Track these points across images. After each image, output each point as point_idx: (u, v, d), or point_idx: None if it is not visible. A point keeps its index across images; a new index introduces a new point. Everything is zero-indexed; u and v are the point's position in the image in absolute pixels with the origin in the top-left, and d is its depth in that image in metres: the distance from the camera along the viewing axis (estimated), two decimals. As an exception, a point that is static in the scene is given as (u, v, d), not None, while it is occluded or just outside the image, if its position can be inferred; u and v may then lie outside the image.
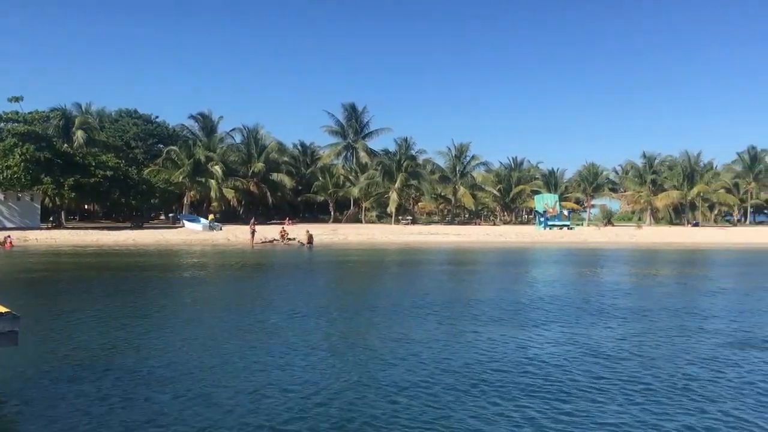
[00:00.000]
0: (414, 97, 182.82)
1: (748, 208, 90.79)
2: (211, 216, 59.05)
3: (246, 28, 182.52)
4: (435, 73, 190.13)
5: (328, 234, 51.06)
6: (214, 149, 66.66)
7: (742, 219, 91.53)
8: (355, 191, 73.05)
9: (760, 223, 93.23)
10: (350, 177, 75.54)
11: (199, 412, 7.47)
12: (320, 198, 75.21)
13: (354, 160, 78.25)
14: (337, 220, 72.46)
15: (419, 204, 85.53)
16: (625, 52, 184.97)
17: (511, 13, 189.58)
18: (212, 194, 63.63)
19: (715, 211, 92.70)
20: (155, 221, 66.36)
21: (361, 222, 71.95)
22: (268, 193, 68.04)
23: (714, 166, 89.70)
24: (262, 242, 44.33)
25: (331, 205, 75.31)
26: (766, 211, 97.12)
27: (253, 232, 44.08)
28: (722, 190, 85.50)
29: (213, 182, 63.25)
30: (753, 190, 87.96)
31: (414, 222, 75.86)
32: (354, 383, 8.81)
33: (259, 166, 67.46)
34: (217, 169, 63.52)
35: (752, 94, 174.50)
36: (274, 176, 69.24)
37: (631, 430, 7.18)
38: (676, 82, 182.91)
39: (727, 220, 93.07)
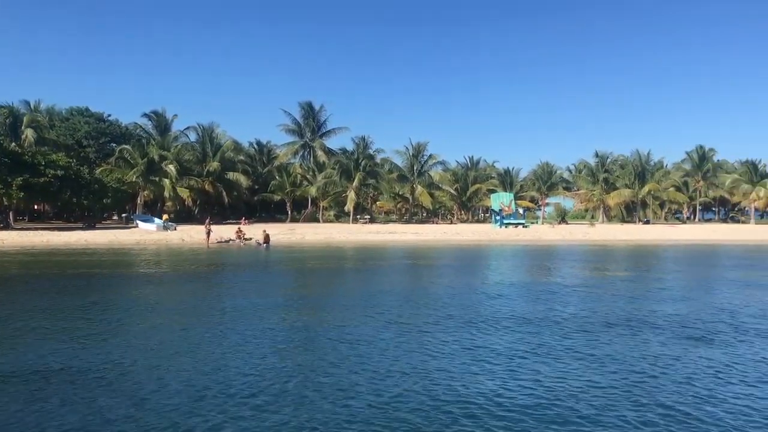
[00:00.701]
0: (372, 97, 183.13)
1: (697, 205, 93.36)
2: (165, 216, 58.18)
3: (200, 25, 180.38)
4: (393, 73, 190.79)
5: (285, 233, 50.72)
6: (168, 148, 65.67)
7: (692, 216, 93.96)
8: (312, 190, 72.79)
9: (709, 220, 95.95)
10: (307, 176, 75.23)
11: (133, 414, 7.40)
12: (277, 197, 74.71)
13: (311, 159, 77.99)
14: (294, 220, 72.08)
15: (377, 203, 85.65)
16: (578, 56, 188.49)
17: (471, 16, 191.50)
18: (166, 194, 62.65)
19: (666, 209, 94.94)
20: (108, 221, 65.11)
21: (318, 221, 71.73)
22: (224, 193, 67.29)
23: (664, 165, 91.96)
24: (218, 242, 43.80)
25: (288, 204, 74.86)
26: (714, 209, 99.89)
27: (208, 232, 43.54)
28: (672, 189, 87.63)
29: (167, 182, 62.28)
30: (701, 188, 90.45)
31: (372, 221, 75.90)
32: (297, 385, 8.82)
33: (215, 165, 66.68)
34: (172, 169, 62.57)
35: (700, 96, 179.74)
36: (230, 175, 68.51)
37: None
38: (627, 84, 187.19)
39: (677, 218, 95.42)
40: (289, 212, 74.52)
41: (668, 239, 55.39)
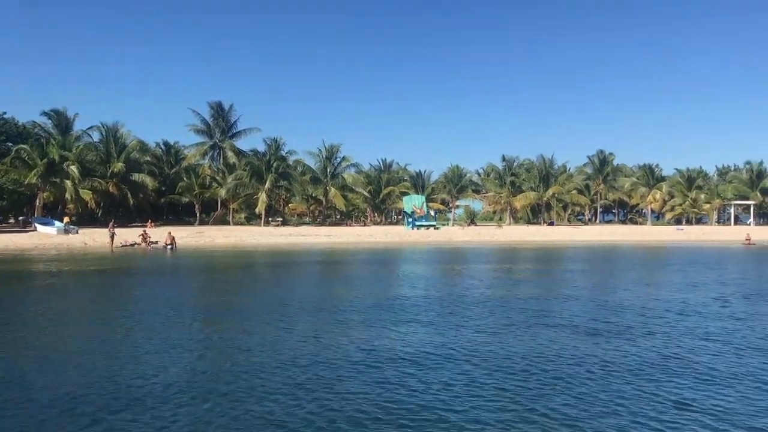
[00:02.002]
0: (284, 98, 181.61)
1: (598, 207, 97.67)
2: (66, 219, 55.62)
3: (106, 20, 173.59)
4: (305, 74, 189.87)
5: (193, 236, 49.58)
6: (70, 148, 62.73)
7: (593, 218, 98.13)
8: (222, 192, 71.31)
9: (609, 221, 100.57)
10: (217, 177, 73.64)
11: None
12: (185, 199, 72.73)
13: (221, 160, 76.40)
14: (203, 222, 70.44)
15: (290, 205, 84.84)
16: (483, 59, 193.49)
17: (381, 15, 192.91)
18: (68, 196, 59.86)
19: (569, 211, 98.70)
20: (4, 225, 61.54)
21: (228, 224, 70.37)
22: (129, 195, 64.88)
23: (567, 168, 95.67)
24: (123, 246, 42.37)
25: (197, 206, 72.98)
26: (613, 211, 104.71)
27: (112, 236, 42.07)
28: (574, 191, 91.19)
29: (69, 183, 59.51)
30: (602, 191, 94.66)
31: (284, 223, 75.23)
32: (183, 389, 8.66)
33: (119, 166, 64.22)
34: (74, 170, 59.84)
35: (600, 102, 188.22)
36: (136, 177, 66.14)
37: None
38: (532, 87, 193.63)
39: (579, 220, 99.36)
40: (198, 215, 72.67)
41: (571, 240, 57.72)
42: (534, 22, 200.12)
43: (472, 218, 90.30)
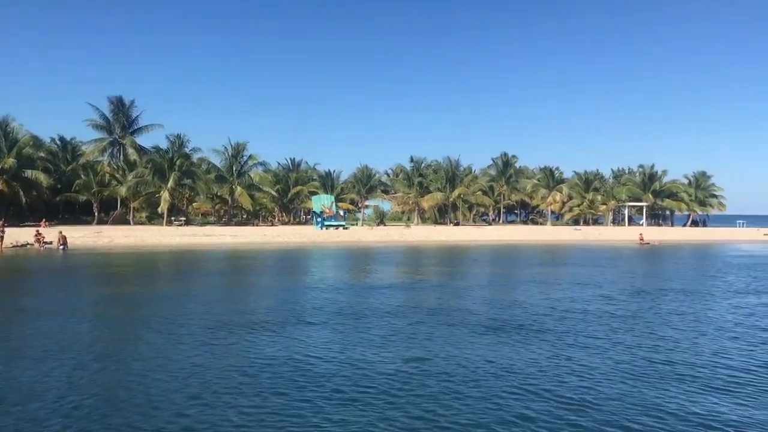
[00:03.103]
0: (188, 94, 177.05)
1: (501, 208, 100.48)
2: (-51, 218, 51.98)
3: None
4: (211, 70, 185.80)
5: (91, 236, 47.40)
6: (-46, 143, 58.74)
7: (497, 219, 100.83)
8: (122, 190, 68.48)
9: (511, 222, 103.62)
10: (117, 175, 70.68)
11: None
12: (83, 198, 69.33)
13: (121, 157, 73.40)
14: (102, 222, 67.45)
15: (194, 204, 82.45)
16: (395, 62, 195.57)
17: (288, 16, 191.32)
18: (-48, 193, 56.02)
19: (474, 212, 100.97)
20: None
21: (129, 223, 67.71)
22: (21, 192, 61.29)
23: (472, 170, 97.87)
24: (13, 246, 40.01)
25: (95, 205, 69.79)
26: (516, 212, 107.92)
27: (1, 237, 39.62)
28: (479, 192, 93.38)
29: (-48, 180, 55.71)
30: (505, 192, 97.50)
31: (188, 223, 73.07)
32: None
33: (10, 162, 60.55)
34: (-42, 166, 56.06)
35: (504, 107, 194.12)
36: (28, 173, 62.55)
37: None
38: (438, 91, 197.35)
39: (484, 220, 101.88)
40: (97, 214, 69.51)
41: (476, 239, 59.04)
42: (440, 20, 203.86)
43: (381, 218, 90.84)
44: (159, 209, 68.80)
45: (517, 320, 14.69)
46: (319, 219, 70.03)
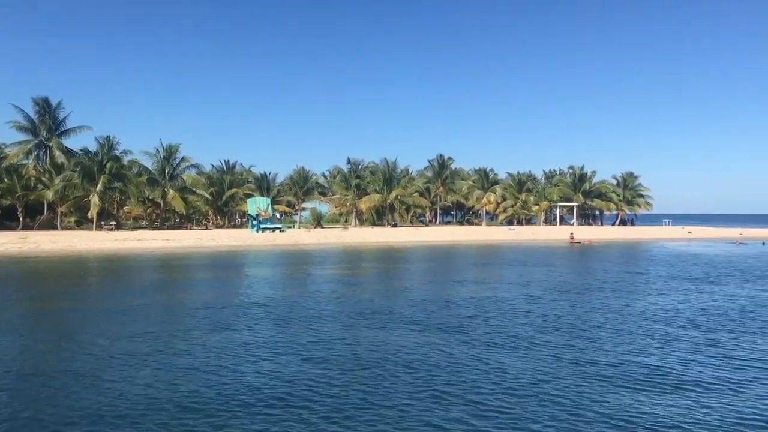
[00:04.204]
0: (116, 93, 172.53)
1: (438, 209, 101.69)
2: None
3: None
4: (141, 71, 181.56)
5: (15, 243, 45.76)
6: None
7: (434, 220, 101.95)
8: (49, 194, 66.19)
9: (448, 223, 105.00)
10: (43, 179, 68.28)
11: None
12: (6, 202, 66.73)
13: (48, 159, 70.94)
14: (27, 227, 65.09)
15: (125, 208, 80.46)
16: (336, 64, 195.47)
17: (233, 17, 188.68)
18: None
19: (411, 213, 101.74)
20: None
21: (57, 228, 65.58)
22: (-62, 197, 58.72)
23: (409, 172, 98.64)
24: (-72, 254, 38.28)
25: (20, 209, 67.31)
26: (452, 212, 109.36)
27: None
28: (416, 194, 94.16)
29: None
30: (441, 193, 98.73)
31: (119, 227, 71.22)
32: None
33: (-74, 165, 57.94)
34: None
35: (441, 111, 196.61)
36: (-53, 177, 59.98)
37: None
38: (376, 93, 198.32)
39: (421, 221, 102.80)
40: (22, 219, 67.06)
41: (413, 240, 59.62)
42: (373, 21, 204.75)
43: (318, 220, 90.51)
44: (88, 213, 66.86)
45: (444, 321, 15.05)
46: (254, 222, 69.29)
